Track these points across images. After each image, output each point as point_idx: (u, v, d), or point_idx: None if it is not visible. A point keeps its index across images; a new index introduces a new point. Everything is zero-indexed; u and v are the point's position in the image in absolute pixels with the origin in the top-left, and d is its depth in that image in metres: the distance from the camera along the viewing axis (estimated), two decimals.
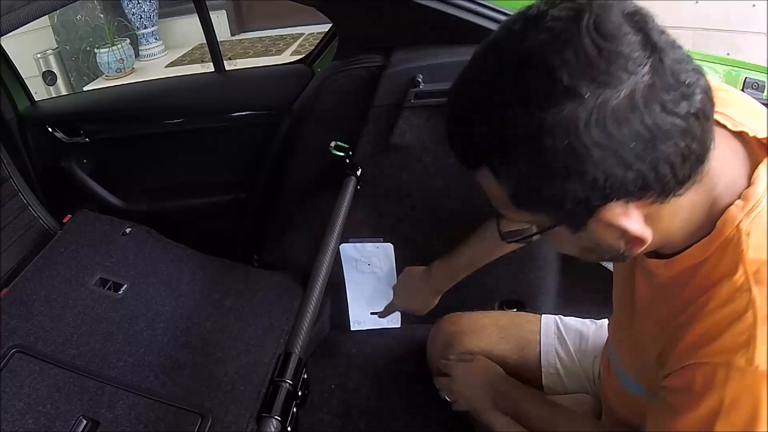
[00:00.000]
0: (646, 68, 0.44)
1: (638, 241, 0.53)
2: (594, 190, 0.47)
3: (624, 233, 0.52)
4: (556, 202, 0.49)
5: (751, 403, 0.50)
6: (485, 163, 0.52)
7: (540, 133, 0.46)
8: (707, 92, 0.48)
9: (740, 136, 0.58)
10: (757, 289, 0.51)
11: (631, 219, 0.51)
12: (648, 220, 0.53)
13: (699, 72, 0.48)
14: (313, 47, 1.79)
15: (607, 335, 1.02)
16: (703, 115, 0.48)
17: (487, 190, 0.56)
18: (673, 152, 0.47)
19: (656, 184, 0.48)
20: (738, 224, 0.54)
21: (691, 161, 0.49)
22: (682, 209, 0.54)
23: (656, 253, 0.62)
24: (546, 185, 0.48)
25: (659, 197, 0.50)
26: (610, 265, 0.99)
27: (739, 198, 0.55)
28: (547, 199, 0.50)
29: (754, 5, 2.67)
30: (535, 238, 0.59)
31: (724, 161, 0.55)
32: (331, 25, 1.56)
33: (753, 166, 0.56)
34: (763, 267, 0.52)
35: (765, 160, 0.56)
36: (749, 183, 0.55)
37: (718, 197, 0.55)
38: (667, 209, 0.53)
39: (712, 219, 0.55)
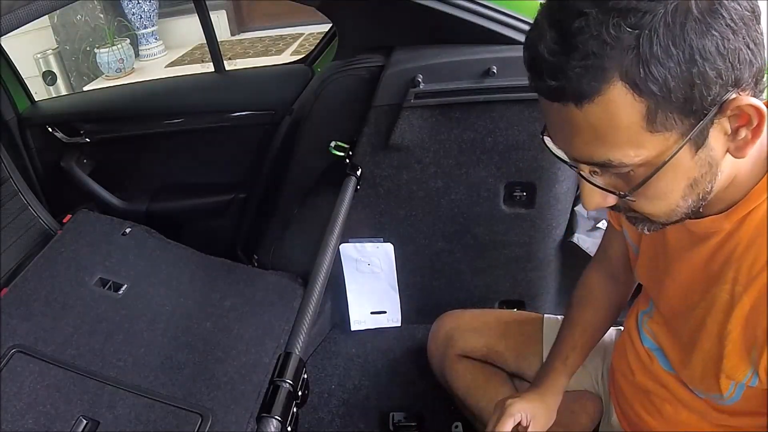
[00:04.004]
0: None
1: (756, 130, 0.51)
2: (729, 75, 0.48)
3: (736, 134, 0.53)
4: (700, 98, 0.48)
5: None
6: (620, 76, 0.48)
7: (685, 19, 0.46)
8: None
9: None
10: None
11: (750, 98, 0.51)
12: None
13: None
14: (313, 47, 1.79)
15: (609, 337, 1.03)
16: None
17: (606, 124, 0.51)
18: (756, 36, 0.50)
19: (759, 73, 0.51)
20: None
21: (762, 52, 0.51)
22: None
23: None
24: (696, 78, 0.47)
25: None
26: None
27: None
28: (691, 99, 0.48)
29: None
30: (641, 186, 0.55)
31: None
32: (331, 25, 1.56)
33: None
34: None
35: None
36: None
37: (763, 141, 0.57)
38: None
39: (762, 161, 0.59)
